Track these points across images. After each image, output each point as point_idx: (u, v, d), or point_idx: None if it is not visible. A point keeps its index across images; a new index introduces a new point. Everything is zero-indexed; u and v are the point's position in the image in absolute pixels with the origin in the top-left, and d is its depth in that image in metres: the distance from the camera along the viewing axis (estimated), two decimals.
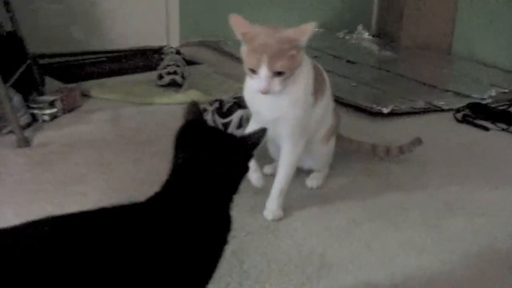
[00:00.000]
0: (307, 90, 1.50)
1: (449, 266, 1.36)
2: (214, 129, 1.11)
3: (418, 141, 1.88)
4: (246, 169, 0.99)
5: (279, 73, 1.37)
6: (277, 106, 1.47)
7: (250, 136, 0.98)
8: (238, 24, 1.41)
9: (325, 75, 1.66)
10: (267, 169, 1.78)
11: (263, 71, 1.36)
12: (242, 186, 1.65)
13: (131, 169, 1.80)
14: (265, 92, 1.38)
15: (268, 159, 1.75)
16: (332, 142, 1.73)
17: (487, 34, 3.29)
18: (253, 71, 1.38)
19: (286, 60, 1.37)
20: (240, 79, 2.70)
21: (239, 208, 1.54)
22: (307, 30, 1.38)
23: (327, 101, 1.62)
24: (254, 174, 1.54)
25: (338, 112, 1.73)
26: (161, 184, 0.96)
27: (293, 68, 1.40)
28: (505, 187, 1.79)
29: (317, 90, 1.55)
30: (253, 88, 1.42)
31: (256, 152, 0.99)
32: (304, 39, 1.38)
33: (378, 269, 1.34)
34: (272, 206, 1.55)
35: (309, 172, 1.75)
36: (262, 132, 0.99)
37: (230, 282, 1.25)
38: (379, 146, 1.90)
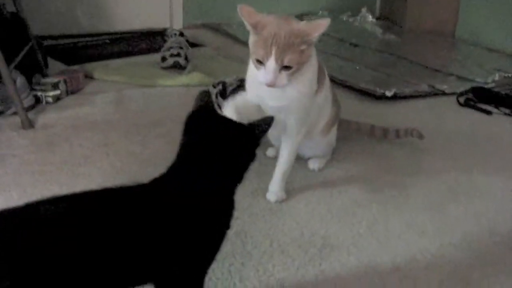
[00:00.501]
0: (313, 82, 1.48)
1: (450, 248, 1.37)
2: (222, 117, 1.11)
3: (417, 133, 1.88)
4: (252, 156, 1.00)
5: (286, 67, 1.34)
6: (282, 96, 1.44)
7: (257, 124, 0.99)
8: (247, 14, 1.36)
9: (324, 66, 1.63)
10: (270, 151, 1.79)
11: (271, 64, 1.32)
12: None
13: (135, 150, 1.81)
14: (271, 85, 1.35)
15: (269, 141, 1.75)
16: (334, 132, 1.73)
17: (491, 18, 3.28)
18: (260, 63, 1.35)
19: (295, 55, 1.33)
20: (244, 62, 2.71)
21: (242, 191, 1.56)
22: (320, 26, 1.33)
23: (326, 92, 1.60)
24: None
25: (338, 102, 1.73)
26: (166, 167, 0.97)
27: (301, 63, 1.36)
28: (507, 171, 1.80)
29: (318, 81, 1.53)
30: (258, 79, 1.38)
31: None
32: (316, 35, 1.34)
33: (380, 251, 1.35)
34: (275, 189, 1.56)
35: None
36: (269, 120, 0.99)
37: (233, 262, 1.27)
38: (377, 127, 1.91)
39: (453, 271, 1.28)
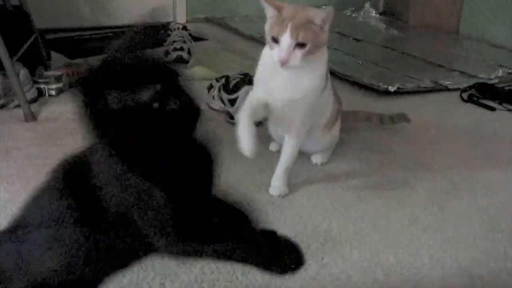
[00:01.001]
0: (324, 78, 1.50)
1: (452, 244, 1.37)
2: None
3: (405, 118, 1.95)
4: None
5: (301, 45, 1.36)
6: (294, 88, 1.45)
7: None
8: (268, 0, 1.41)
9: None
10: (272, 146, 1.79)
11: (286, 39, 1.35)
12: (248, 164, 1.67)
13: None
14: (284, 62, 1.36)
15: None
16: (337, 128, 1.73)
17: (495, 14, 3.27)
18: (275, 40, 1.37)
19: (309, 32, 1.36)
20: (247, 56, 2.71)
21: (245, 185, 1.57)
22: (320, 12, 1.39)
23: (329, 90, 1.60)
24: (247, 142, 1.41)
25: (339, 98, 1.72)
26: None
27: (315, 43, 1.38)
28: (509, 167, 1.80)
29: (325, 78, 1.54)
30: (273, 58, 1.39)
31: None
32: (317, 18, 1.38)
33: (382, 245, 1.35)
34: (277, 183, 1.56)
35: None
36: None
37: None
38: (374, 114, 1.95)
39: (456, 266, 1.28)
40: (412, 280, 1.23)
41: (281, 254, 0.96)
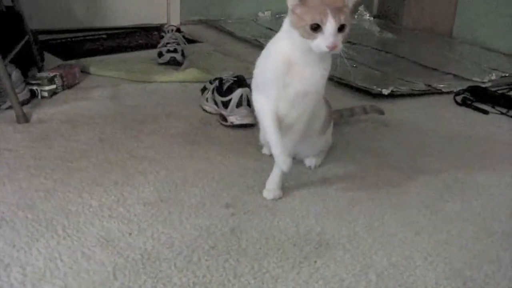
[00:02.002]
0: (329, 70, 1.48)
1: (445, 246, 1.37)
2: None
3: (379, 111, 2.04)
4: None
5: (341, 29, 1.33)
6: (310, 78, 1.43)
7: None
8: None
9: None
10: (266, 150, 1.78)
11: (331, 24, 1.30)
12: (241, 167, 1.66)
13: (130, 145, 1.80)
14: (333, 47, 1.33)
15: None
16: (330, 131, 1.73)
17: (489, 17, 3.28)
18: (316, 28, 1.32)
19: (346, 14, 1.33)
20: (240, 58, 2.71)
21: (239, 188, 1.57)
22: None
23: None
24: (285, 158, 1.47)
25: (329, 102, 1.72)
26: None
27: (350, 25, 1.36)
28: (503, 170, 1.80)
29: None
30: (318, 48, 1.34)
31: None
32: (350, 1, 1.35)
33: (375, 248, 1.34)
34: (272, 186, 1.55)
35: None
36: None
37: (228, 259, 1.26)
38: (356, 107, 2.01)
39: (449, 269, 1.28)
40: (405, 283, 1.23)
41: None
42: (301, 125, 1.52)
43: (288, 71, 1.42)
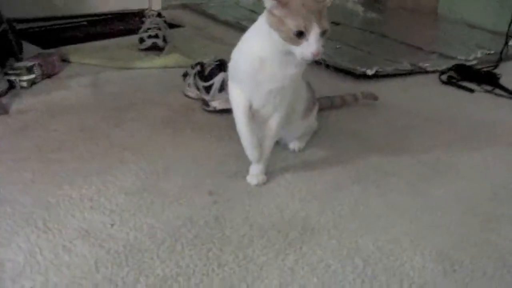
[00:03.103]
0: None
1: (431, 229, 1.36)
2: None
3: (373, 96, 2.02)
4: None
5: (323, 33, 1.29)
6: (284, 76, 1.39)
7: None
8: None
9: None
10: None
11: (315, 32, 1.26)
12: (223, 153, 1.64)
13: (111, 134, 1.77)
14: (318, 55, 1.28)
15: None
16: (313, 115, 1.71)
17: None
18: (300, 35, 1.27)
19: (326, 18, 1.30)
20: (223, 41, 2.67)
21: (221, 174, 1.55)
22: None
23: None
24: (256, 153, 1.49)
25: (312, 87, 1.69)
26: None
27: (330, 28, 1.32)
28: (487, 149, 1.78)
29: None
30: (302, 55, 1.29)
31: None
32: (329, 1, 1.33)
33: (361, 233, 1.33)
34: (255, 171, 1.53)
35: None
36: None
37: (212, 248, 1.24)
38: (346, 95, 1.99)
39: (435, 252, 1.27)
40: (392, 267, 1.21)
41: None
42: (278, 119, 1.50)
43: (260, 70, 1.38)
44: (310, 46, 1.28)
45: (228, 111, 1.88)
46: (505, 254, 1.27)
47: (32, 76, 2.15)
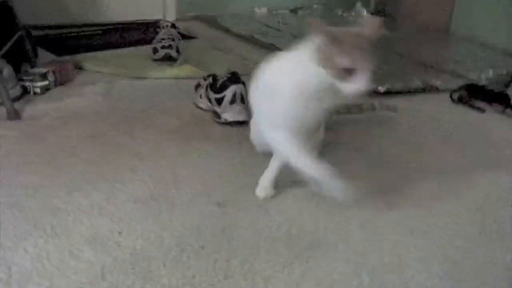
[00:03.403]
0: None
1: (439, 247, 1.35)
2: None
3: (392, 107, 2.03)
4: None
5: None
6: (327, 108, 1.42)
7: None
8: (317, 26, 1.29)
9: None
10: (259, 148, 1.75)
11: (365, 69, 1.26)
12: (233, 164, 1.65)
13: (122, 142, 1.78)
14: (366, 91, 1.28)
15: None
16: (322, 128, 1.71)
17: (486, 15, 3.25)
18: (349, 72, 1.26)
19: (370, 53, 1.29)
20: (236, 53, 2.68)
21: (231, 185, 1.55)
22: (377, 27, 1.32)
23: None
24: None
25: None
26: None
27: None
28: (498, 169, 1.78)
29: None
30: (350, 90, 1.28)
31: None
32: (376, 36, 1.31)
33: (368, 248, 1.32)
34: (265, 183, 1.53)
35: None
36: None
37: (218, 259, 1.24)
38: (364, 103, 2.02)
39: (442, 270, 1.26)
40: (397, 284, 1.21)
41: None
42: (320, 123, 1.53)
43: (305, 105, 1.37)
44: (360, 83, 1.27)
45: (238, 123, 1.90)
46: None
47: (46, 82, 2.17)
